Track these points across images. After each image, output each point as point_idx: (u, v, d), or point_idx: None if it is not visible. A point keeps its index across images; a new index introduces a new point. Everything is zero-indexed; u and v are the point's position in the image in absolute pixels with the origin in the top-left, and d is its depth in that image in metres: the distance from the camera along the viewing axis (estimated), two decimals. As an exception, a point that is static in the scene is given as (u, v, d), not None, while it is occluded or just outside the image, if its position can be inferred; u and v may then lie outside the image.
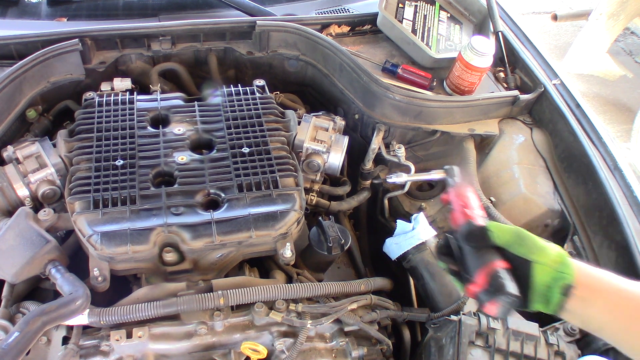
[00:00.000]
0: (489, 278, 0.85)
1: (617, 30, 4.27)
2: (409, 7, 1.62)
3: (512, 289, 0.83)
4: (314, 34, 1.53)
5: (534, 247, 0.86)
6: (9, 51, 1.44)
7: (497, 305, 0.84)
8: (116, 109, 1.30)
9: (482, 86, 1.48)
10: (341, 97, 1.55)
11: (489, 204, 1.29)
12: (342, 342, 1.14)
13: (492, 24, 1.59)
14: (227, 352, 1.10)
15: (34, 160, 1.19)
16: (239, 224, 1.12)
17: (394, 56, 1.58)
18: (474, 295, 0.88)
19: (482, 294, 0.86)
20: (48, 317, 0.94)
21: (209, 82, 1.53)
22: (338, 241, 1.18)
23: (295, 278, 1.23)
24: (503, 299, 0.82)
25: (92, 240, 1.06)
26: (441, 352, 1.16)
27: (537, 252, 0.85)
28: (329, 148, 1.32)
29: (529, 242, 0.86)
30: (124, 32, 1.51)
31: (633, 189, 1.25)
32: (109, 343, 1.04)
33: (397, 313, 1.19)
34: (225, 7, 1.80)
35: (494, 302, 0.84)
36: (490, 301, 0.84)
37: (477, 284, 0.86)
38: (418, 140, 1.51)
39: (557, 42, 4.83)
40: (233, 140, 1.25)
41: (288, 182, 1.19)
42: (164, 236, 1.10)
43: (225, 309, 1.10)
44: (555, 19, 4.39)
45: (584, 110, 1.42)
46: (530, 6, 5.21)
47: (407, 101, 1.40)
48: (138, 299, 1.08)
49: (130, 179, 1.15)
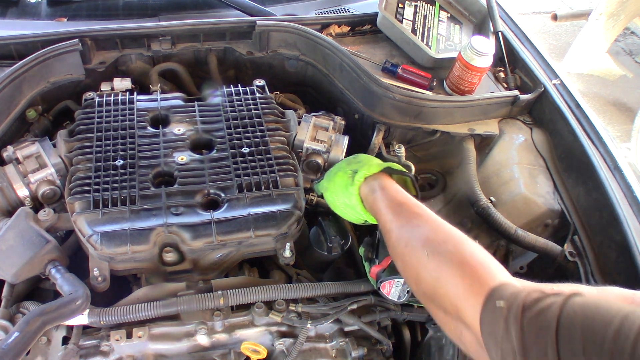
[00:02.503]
0: (392, 262, 1.01)
1: (617, 30, 4.26)
2: (409, 7, 1.62)
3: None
4: (314, 34, 1.53)
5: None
6: (9, 51, 1.44)
7: (392, 283, 1.03)
8: (116, 109, 1.30)
9: (482, 86, 1.48)
10: (341, 97, 1.55)
11: (489, 204, 1.29)
12: (342, 342, 1.14)
13: (492, 24, 1.59)
14: (227, 352, 1.10)
15: (34, 160, 1.19)
16: (239, 224, 1.12)
17: (394, 56, 1.58)
18: (375, 275, 1.06)
19: (382, 273, 1.04)
20: (48, 317, 0.94)
21: (209, 82, 1.53)
22: (338, 241, 1.18)
23: (295, 278, 1.23)
24: (398, 278, 1.01)
25: (92, 240, 1.06)
26: (441, 352, 1.16)
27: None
28: (329, 148, 1.32)
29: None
30: (124, 32, 1.51)
31: (633, 189, 1.25)
32: (109, 343, 1.04)
33: (397, 313, 1.19)
34: (225, 7, 1.80)
35: (391, 281, 1.02)
36: (388, 280, 1.02)
37: (381, 265, 1.05)
38: (418, 140, 1.51)
39: (557, 42, 4.83)
40: (233, 140, 1.25)
41: (288, 182, 1.19)
42: (164, 236, 1.10)
43: (225, 309, 1.10)
44: (555, 19, 4.39)
45: (584, 110, 1.42)
46: (530, 6, 5.21)
47: (407, 101, 1.40)
48: (138, 299, 1.08)
49: (130, 179, 1.15)
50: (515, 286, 0.71)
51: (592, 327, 0.58)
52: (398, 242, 0.91)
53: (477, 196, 1.31)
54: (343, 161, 1.17)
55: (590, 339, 0.57)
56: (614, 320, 0.57)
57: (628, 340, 0.55)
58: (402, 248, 0.90)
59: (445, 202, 1.43)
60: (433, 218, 0.92)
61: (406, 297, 1.05)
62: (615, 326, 0.56)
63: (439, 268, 0.81)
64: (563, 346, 0.59)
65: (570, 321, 0.60)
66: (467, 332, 0.75)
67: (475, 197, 1.31)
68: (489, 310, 0.69)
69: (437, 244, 0.84)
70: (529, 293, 0.66)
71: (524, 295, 0.66)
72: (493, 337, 0.67)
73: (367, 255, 1.13)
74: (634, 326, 0.56)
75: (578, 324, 0.59)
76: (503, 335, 0.65)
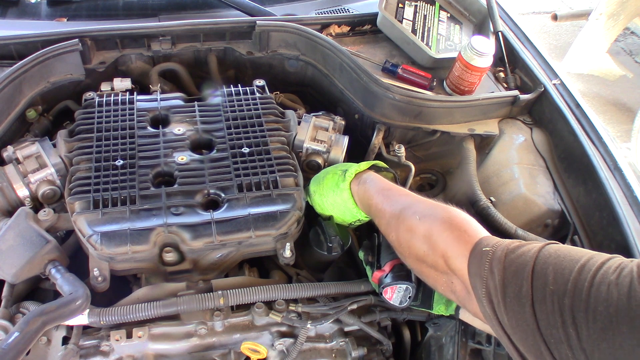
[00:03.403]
0: (394, 267, 1.04)
1: (617, 30, 4.27)
2: (409, 7, 1.62)
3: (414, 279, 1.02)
4: (314, 34, 1.53)
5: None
6: (9, 51, 1.44)
7: (395, 289, 1.04)
8: (116, 109, 1.30)
9: (482, 86, 1.48)
10: (341, 97, 1.55)
11: (489, 204, 1.29)
12: (342, 342, 1.14)
13: (492, 24, 1.59)
14: (227, 352, 1.10)
15: (34, 160, 1.19)
16: (239, 224, 1.12)
17: (394, 56, 1.58)
18: (378, 279, 1.07)
19: (385, 278, 1.05)
20: (48, 317, 0.94)
21: (209, 82, 1.53)
22: (338, 241, 1.18)
23: (295, 278, 1.23)
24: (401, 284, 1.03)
25: (92, 240, 1.06)
26: (441, 352, 1.16)
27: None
28: (329, 148, 1.32)
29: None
30: (124, 32, 1.51)
31: (633, 189, 1.25)
32: (109, 343, 1.04)
33: (397, 313, 1.19)
34: (225, 7, 1.80)
35: (394, 287, 1.03)
36: (390, 285, 1.03)
37: (383, 270, 1.06)
38: (418, 140, 1.51)
39: (557, 42, 4.83)
40: (233, 140, 1.25)
41: (288, 182, 1.19)
42: (164, 236, 1.10)
43: (225, 309, 1.10)
44: (555, 19, 4.39)
45: (584, 110, 1.42)
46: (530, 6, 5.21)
47: (407, 101, 1.40)
48: (138, 299, 1.08)
49: (130, 179, 1.15)
50: (497, 238, 0.81)
51: (562, 264, 0.68)
52: (391, 218, 1.00)
53: (477, 196, 1.31)
54: (329, 168, 1.22)
55: (559, 272, 0.67)
56: (581, 259, 0.68)
57: (589, 272, 0.65)
58: (395, 221, 0.98)
59: (445, 202, 1.43)
60: (420, 196, 1.02)
61: (408, 302, 1.06)
62: (581, 263, 0.67)
63: (430, 227, 0.90)
64: (536, 280, 0.69)
65: (545, 260, 0.70)
66: (457, 281, 0.84)
67: (475, 197, 1.31)
68: (476, 255, 0.79)
69: (427, 209, 0.96)
70: (512, 242, 0.77)
71: (507, 243, 0.77)
72: (479, 277, 0.76)
73: (367, 259, 1.14)
74: (597, 263, 0.66)
75: (551, 262, 0.69)
76: (488, 275, 0.74)
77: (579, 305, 0.64)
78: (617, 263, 0.66)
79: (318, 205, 1.20)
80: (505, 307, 0.72)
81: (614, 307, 0.61)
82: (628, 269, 0.64)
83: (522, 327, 0.69)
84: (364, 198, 1.09)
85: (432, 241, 0.88)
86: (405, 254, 0.98)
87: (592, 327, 0.62)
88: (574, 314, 0.64)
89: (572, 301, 0.65)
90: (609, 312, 0.61)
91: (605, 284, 0.63)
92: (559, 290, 0.66)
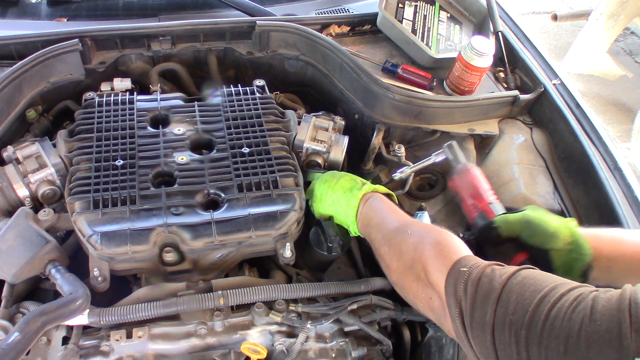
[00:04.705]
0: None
1: (617, 30, 4.27)
2: (409, 7, 1.62)
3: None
4: (314, 34, 1.53)
5: (546, 236, 0.94)
6: (9, 51, 1.44)
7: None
8: (116, 109, 1.30)
9: (482, 86, 1.48)
10: (341, 97, 1.55)
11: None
12: (342, 342, 1.14)
13: (492, 24, 1.59)
14: (227, 352, 1.10)
15: (34, 160, 1.19)
16: (239, 224, 1.12)
17: (394, 56, 1.58)
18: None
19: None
20: (48, 317, 0.94)
21: (209, 82, 1.53)
22: (338, 241, 1.18)
23: (295, 278, 1.23)
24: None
25: (92, 240, 1.06)
26: (441, 352, 1.16)
27: (550, 240, 0.93)
28: (329, 148, 1.32)
29: (539, 230, 0.95)
30: (124, 32, 1.51)
31: (633, 189, 1.25)
32: (109, 343, 1.04)
33: (397, 313, 1.19)
34: (225, 7, 1.80)
35: None
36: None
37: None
38: (418, 140, 1.51)
39: (557, 42, 4.83)
40: (233, 140, 1.26)
41: (288, 182, 1.19)
42: (164, 236, 1.10)
43: (225, 309, 1.10)
44: (555, 19, 4.39)
45: (584, 110, 1.42)
46: (530, 6, 5.21)
47: (407, 101, 1.40)
48: (138, 299, 1.08)
49: (130, 179, 1.15)
50: (478, 259, 0.82)
51: (524, 294, 0.69)
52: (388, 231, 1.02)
53: (477, 196, 1.30)
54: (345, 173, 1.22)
55: (520, 302, 0.68)
56: (543, 289, 0.68)
57: (547, 304, 0.65)
58: (390, 234, 1.01)
59: (445, 202, 1.43)
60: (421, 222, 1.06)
61: None
62: (543, 294, 0.67)
63: (418, 240, 0.92)
64: (499, 308, 0.70)
65: (510, 288, 0.71)
66: (435, 297, 0.85)
67: (475, 197, 1.31)
68: (453, 274, 0.79)
69: (422, 227, 1.00)
70: (489, 264, 0.78)
71: (483, 265, 0.78)
72: (454, 297, 0.77)
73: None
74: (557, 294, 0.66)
75: (515, 291, 0.70)
76: (462, 296, 0.76)
77: (533, 339, 0.65)
78: (575, 295, 0.66)
79: (318, 195, 1.18)
80: (472, 331, 0.73)
81: (563, 344, 0.62)
82: (583, 304, 0.64)
83: (484, 353, 0.71)
84: (367, 213, 1.09)
85: (417, 251, 0.90)
86: (392, 267, 0.98)
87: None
88: (528, 347, 0.65)
89: (527, 333, 0.65)
90: (559, 350, 0.62)
91: (559, 319, 0.64)
92: (517, 321, 0.67)
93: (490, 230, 1.00)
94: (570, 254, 0.91)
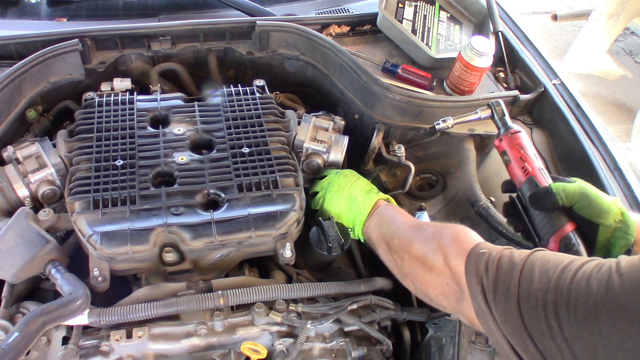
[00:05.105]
0: (562, 244, 0.95)
1: (617, 30, 4.27)
2: (409, 7, 1.62)
3: (584, 254, 0.93)
4: (313, 34, 1.52)
5: (599, 210, 0.96)
6: (9, 51, 1.44)
7: None
8: (116, 109, 1.30)
9: (482, 86, 1.48)
10: (341, 97, 1.55)
11: (489, 204, 1.29)
12: (342, 342, 1.14)
13: (492, 24, 1.59)
14: (227, 352, 1.10)
15: (34, 160, 1.19)
16: (239, 224, 1.12)
17: (394, 56, 1.58)
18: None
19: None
20: (48, 317, 0.94)
21: (209, 82, 1.53)
22: (338, 241, 1.18)
23: (295, 278, 1.23)
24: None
25: (92, 240, 1.06)
26: (441, 352, 1.16)
27: (603, 215, 0.95)
28: (329, 148, 1.32)
29: (595, 203, 0.97)
30: (124, 32, 1.51)
31: (633, 189, 1.25)
32: (109, 343, 1.04)
33: (397, 313, 1.19)
34: (225, 7, 1.80)
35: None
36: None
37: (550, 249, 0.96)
38: (418, 140, 1.51)
39: (557, 42, 4.84)
40: (233, 140, 1.25)
41: (288, 182, 1.19)
42: (164, 236, 1.10)
43: (225, 309, 1.10)
44: (555, 19, 4.39)
45: (584, 110, 1.42)
46: (530, 6, 5.22)
47: (407, 101, 1.40)
48: (138, 299, 1.08)
49: (130, 179, 1.15)
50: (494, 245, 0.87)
51: (546, 267, 0.73)
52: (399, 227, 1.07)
53: (477, 196, 1.31)
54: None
55: (543, 273, 0.72)
56: (563, 261, 0.72)
57: (571, 271, 0.69)
58: (401, 230, 1.05)
59: (445, 202, 1.43)
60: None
61: None
62: (564, 265, 0.71)
63: (435, 231, 0.98)
64: (523, 279, 0.74)
65: (532, 263, 0.75)
66: (452, 282, 0.89)
67: (475, 197, 1.31)
68: (473, 256, 0.85)
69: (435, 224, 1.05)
70: (505, 247, 0.83)
71: (501, 248, 0.83)
72: (475, 275, 0.81)
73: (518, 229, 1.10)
74: (578, 264, 0.70)
75: (537, 264, 0.75)
76: (483, 273, 0.80)
77: (560, 299, 0.68)
78: (595, 263, 0.70)
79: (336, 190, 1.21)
80: (495, 303, 0.77)
81: (592, 298, 0.65)
82: (606, 266, 0.67)
83: (510, 322, 0.74)
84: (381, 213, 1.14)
85: (435, 241, 0.95)
86: (405, 257, 1.01)
87: (572, 319, 0.66)
88: (556, 308, 0.68)
89: (554, 296, 0.69)
90: (588, 304, 0.65)
91: (585, 280, 0.67)
92: (542, 287, 0.71)
93: (546, 196, 1.00)
94: (615, 232, 0.93)
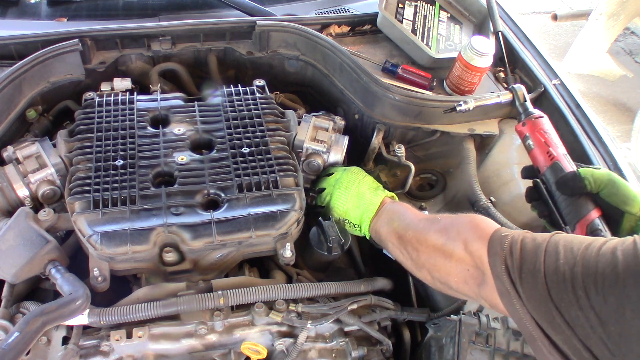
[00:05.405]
0: (589, 230, 0.97)
1: (617, 30, 4.27)
2: (409, 7, 1.62)
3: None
4: (313, 34, 1.52)
5: (626, 198, 0.98)
6: (9, 51, 1.44)
7: None
8: (116, 109, 1.30)
9: (482, 86, 1.48)
10: (341, 97, 1.55)
11: (489, 204, 1.29)
12: (342, 342, 1.14)
13: (492, 24, 1.59)
14: (227, 352, 1.10)
15: (34, 160, 1.19)
16: (239, 224, 1.12)
17: (394, 56, 1.58)
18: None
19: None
20: (48, 317, 0.94)
21: (209, 82, 1.53)
22: (338, 241, 1.18)
23: (295, 278, 1.23)
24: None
25: (92, 240, 1.06)
26: (441, 352, 1.16)
27: (630, 203, 0.97)
28: (329, 148, 1.32)
29: (622, 191, 0.99)
30: (124, 32, 1.51)
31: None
32: (109, 343, 1.04)
33: (397, 313, 1.19)
34: (225, 7, 1.80)
35: None
36: None
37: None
38: (418, 140, 1.51)
39: (557, 42, 4.84)
40: (233, 140, 1.25)
41: (288, 182, 1.19)
42: (164, 236, 1.10)
43: (225, 309, 1.10)
44: (555, 19, 4.40)
45: (584, 110, 1.42)
46: (530, 6, 5.22)
47: (407, 101, 1.40)
48: (138, 299, 1.08)
49: (130, 179, 1.15)
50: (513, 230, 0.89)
51: (571, 244, 0.76)
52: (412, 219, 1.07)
53: (477, 196, 1.31)
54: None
55: (568, 250, 0.75)
56: (586, 240, 0.75)
57: (595, 247, 0.72)
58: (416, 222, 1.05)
59: (445, 202, 1.43)
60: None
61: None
62: (587, 242, 0.74)
63: (452, 221, 0.98)
64: (548, 257, 0.76)
65: (555, 242, 0.77)
66: (472, 267, 0.89)
67: (475, 197, 1.31)
68: (495, 239, 0.86)
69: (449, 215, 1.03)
70: (526, 232, 0.85)
71: (522, 231, 0.85)
72: (498, 256, 0.83)
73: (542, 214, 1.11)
74: (601, 241, 0.74)
75: (561, 244, 0.77)
76: (507, 254, 0.81)
77: (587, 271, 0.70)
78: (617, 239, 0.73)
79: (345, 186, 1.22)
80: (521, 281, 0.78)
81: (620, 266, 0.67)
82: (630, 240, 0.70)
83: (536, 297, 0.76)
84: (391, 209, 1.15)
85: (454, 230, 0.95)
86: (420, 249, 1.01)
87: (600, 287, 0.68)
88: (583, 279, 0.70)
89: (581, 269, 0.71)
90: (615, 272, 0.67)
91: (609, 252, 0.70)
92: (568, 262, 0.73)
93: (575, 181, 1.01)
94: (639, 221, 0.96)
